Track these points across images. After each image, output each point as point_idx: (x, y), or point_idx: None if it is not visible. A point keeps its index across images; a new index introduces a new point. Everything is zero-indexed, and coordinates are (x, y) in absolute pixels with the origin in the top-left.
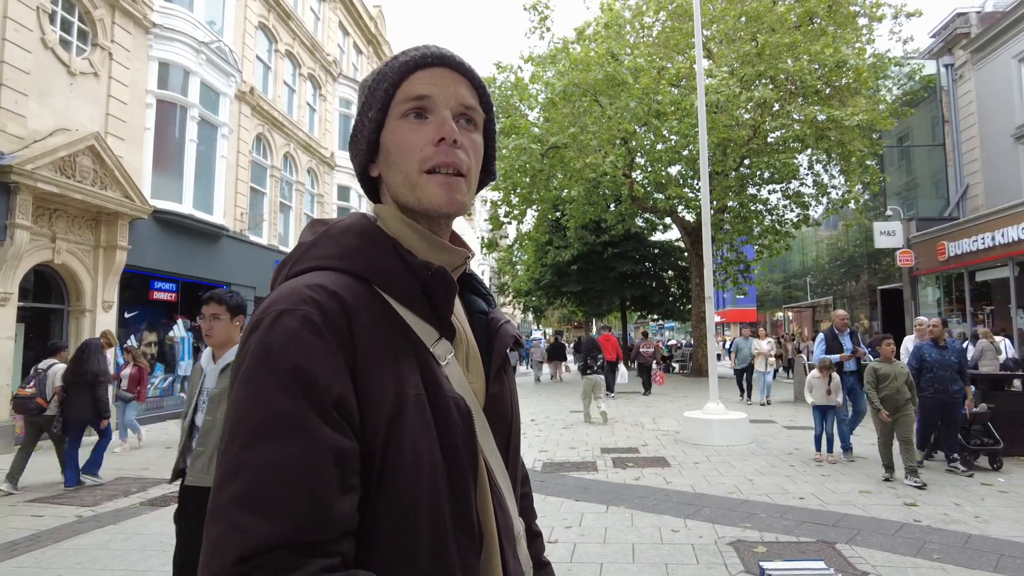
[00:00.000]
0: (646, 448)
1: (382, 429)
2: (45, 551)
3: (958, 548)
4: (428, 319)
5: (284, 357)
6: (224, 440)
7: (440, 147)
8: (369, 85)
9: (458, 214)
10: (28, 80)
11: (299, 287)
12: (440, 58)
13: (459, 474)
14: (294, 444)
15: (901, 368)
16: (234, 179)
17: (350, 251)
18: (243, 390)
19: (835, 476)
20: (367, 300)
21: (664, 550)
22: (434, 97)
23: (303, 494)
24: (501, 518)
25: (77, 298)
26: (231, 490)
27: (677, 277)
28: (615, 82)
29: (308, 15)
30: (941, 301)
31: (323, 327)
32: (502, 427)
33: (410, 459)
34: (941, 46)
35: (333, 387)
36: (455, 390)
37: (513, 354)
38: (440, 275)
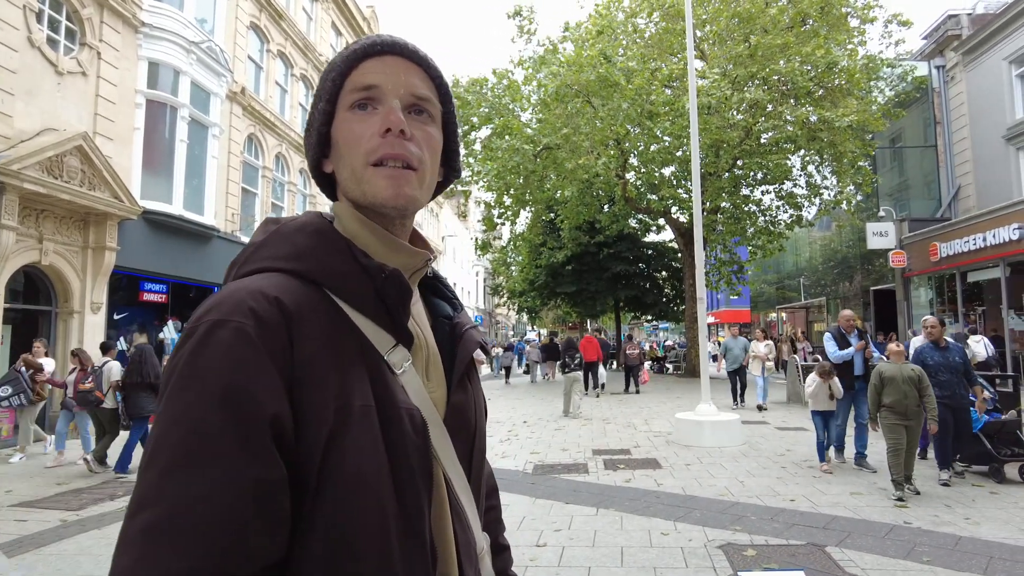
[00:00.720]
0: (638, 449)
1: (321, 444)
2: (26, 556)
3: (948, 550)
4: (384, 325)
5: (212, 377)
6: (144, 459)
7: (386, 138)
8: (321, 78)
9: (406, 209)
10: (14, 79)
11: (238, 292)
12: (391, 46)
13: (410, 490)
14: (214, 473)
15: (910, 370)
16: (225, 179)
17: (300, 252)
18: (168, 409)
19: (826, 478)
20: (315, 305)
21: (653, 553)
22: (382, 87)
23: (220, 527)
24: (461, 534)
25: (65, 299)
26: (144, 519)
27: (671, 278)
28: (607, 83)
29: (300, 15)
30: (933, 302)
31: (258, 340)
32: (464, 438)
33: (351, 474)
34: (933, 48)
35: (264, 408)
36: (411, 400)
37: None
38: (394, 278)
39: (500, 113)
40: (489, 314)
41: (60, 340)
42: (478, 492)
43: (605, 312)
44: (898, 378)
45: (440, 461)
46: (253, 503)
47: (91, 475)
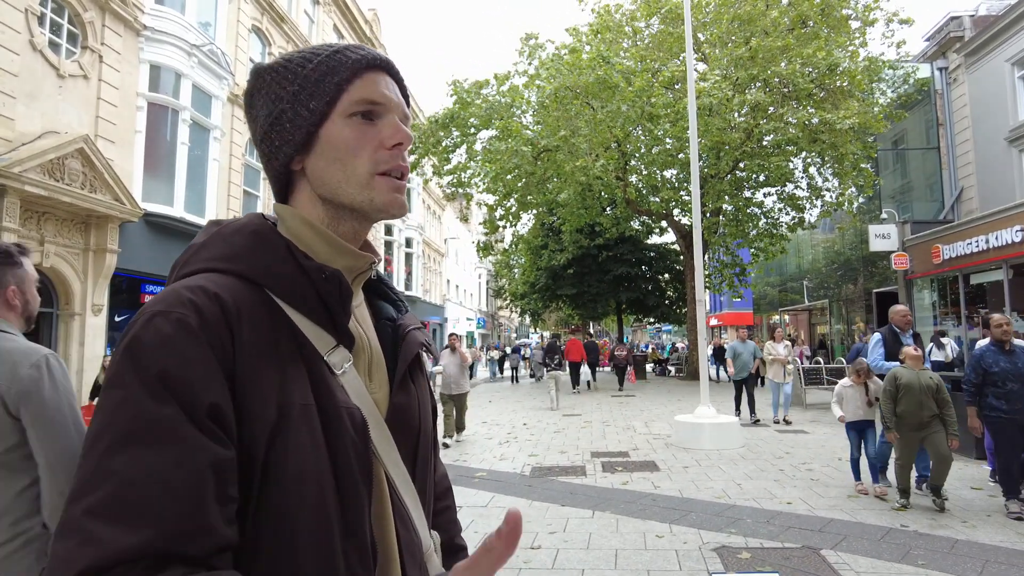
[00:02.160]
0: (636, 452)
1: (263, 441)
2: None
3: (943, 554)
4: (324, 326)
5: (153, 360)
6: (85, 447)
7: (395, 151)
8: (305, 74)
9: (402, 216)
10: (16, 82)
11: (179, 289)
12: (388, 64)
13: (350, 488)
14: (165, 449)
15: (928, 379)
16: (227, 182)
17: (239, 252)
18: (109, 394)
19: (824, 481)
20: (254, 304)
21: (647, 556)
22: (386, 104)
23: (174, 501)
24: (403, 533)
25: (66, 302)
26: (88, 500)
27: (673, 280)
28: (607, 85)
29: (302, 18)
30: (936, 304)
31: (198, 330)
32: (408, 438)
33: (293, 473)
34: (935, 49)
35: (206, 394)
36: (351, 400)
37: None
38: (334, 279)
39: (500, 115)
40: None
41: (61, 342)
42: (424, 492)
43: (607, 314)
44: (915, 386)
45: (382, 460)
46: (210, 476)
47: None
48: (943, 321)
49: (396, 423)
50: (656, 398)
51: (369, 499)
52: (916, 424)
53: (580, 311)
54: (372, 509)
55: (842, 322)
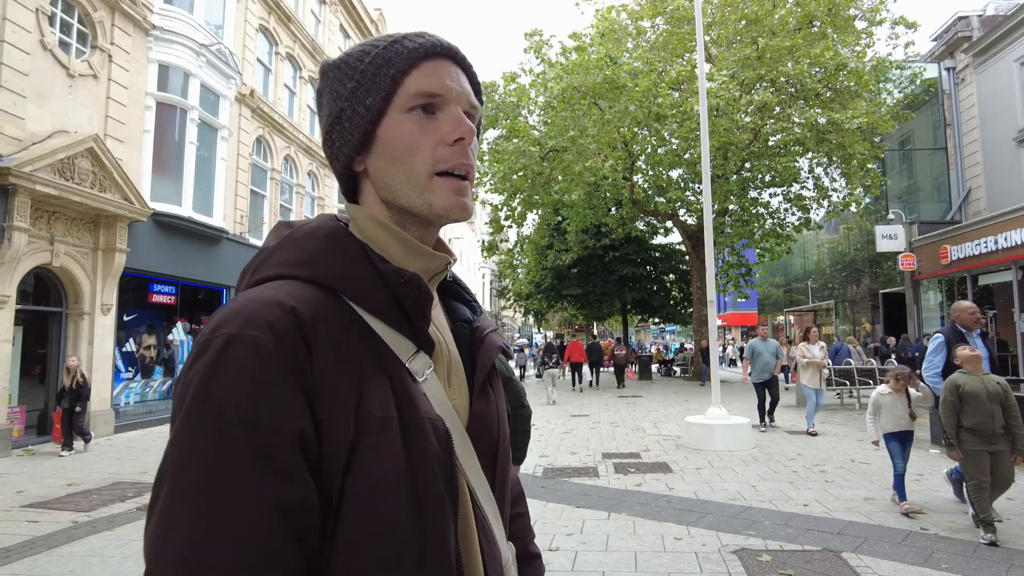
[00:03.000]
0: (648, 453)
1: (342, 460)
2: (39, 558)
3: (966, 557)
4: (403, 331)
5: (230, 396)
6: (165, 485)
7: (455, 147)
8: (362, 69)
9: (466, 219)
10: (27, 82)
11: (251, 303)
12: (448, 50)
13: (436, 505)
14: (242, 497)
15: (994, 383)
16: (234, 182)
17: (314, 257)
18: (184, 434)
19: (838, 483)
20: (331, 313)
21: (667, 558)
22: (446, 95)
23: (254, 553)
24: (486, 548)
25: (76, 301)
26: (173, 549)
27: (678, 280)
28: (614, 85)
29: (309, 17)
30: (944, 305)
31: (275, 353)
32: (488, 447)
33: (373, 492)
34: (943, 49)
35: (287, 426)
36: (433, 410)
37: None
38: (413, 283)
39: (507, 115)
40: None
41: (70, 342)
42: (502, 502)
43: (612, 314)
44: (982, 394)
45: (464, 472)
46: (286, 528)
47: (101, 476)
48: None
49: (476, 431)
50: (663, 399)
51: (455, 515)
52: (987, 437)
53: (585, 311)
54: (458, 524)
55: (848, 323)
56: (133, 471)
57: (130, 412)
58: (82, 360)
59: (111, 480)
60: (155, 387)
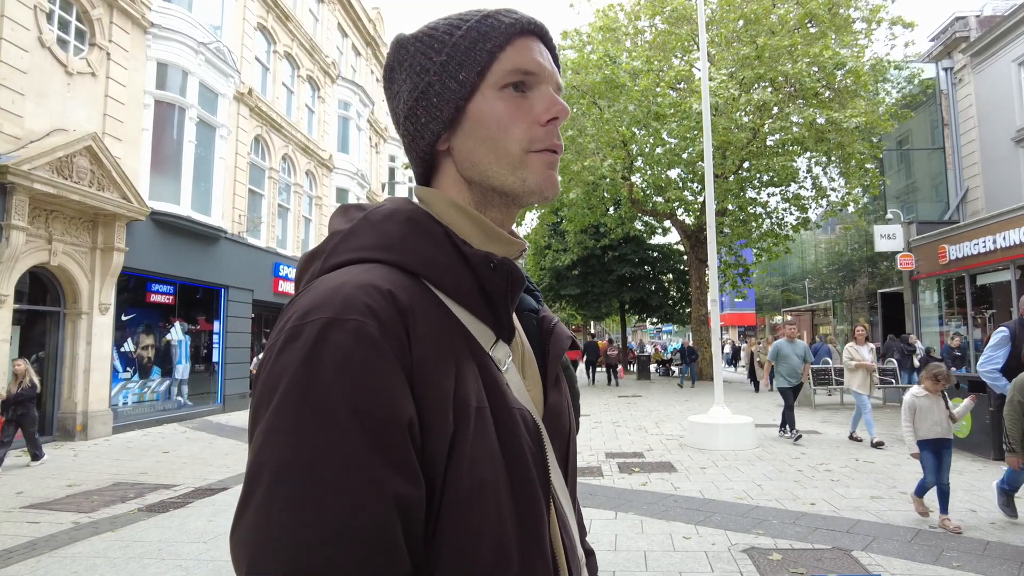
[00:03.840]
0: (651, 453)
1: (444, 452)
2: (41, 559)
3: (977, 556)
4: (485, 319)
5: (336, 386)
6: (264, 487)
7: (548, 127)
8: (454, 42)
9: (553, 197)
10: (25, 80)
11: (344, 286)
12: (540, 28)
13: (531, 499)
14: (357, 498)
15: None
16: (232, 181)
17: (397, 240)
18: (283, 425)
19: (844, 482)
20: (421, 299)
21: (677, 557)
22: (540, 73)
23: (373, 552)
24: (568, 544)
25: (73, 300)
26: (284, 558)
27: (676, 280)
28: (613, 84)
29: (307, 16)
30: (942, 305)
31: (381, 340)
32: (561, 441)
33: (471, 487)
34: (940, 49)
35: (399, 416)
36: (518, 400)
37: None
38: (505, 268)
39: None
40: None
41: (68, 341)
42: (575, 496)
43: (610, 314)
44: None
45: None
46: (400, 521)
47: (101, 477)
48: (948, 322)
49: (551, 424)
50: (663, 398)
51: (548, 508)
52: None
53: (584, 311)
54: (550, 522)
55: (845, 323)
56: (133, 471)
57: (128, 412)
58: (80, 359)
59: (111, 481)
60: (153, 387)
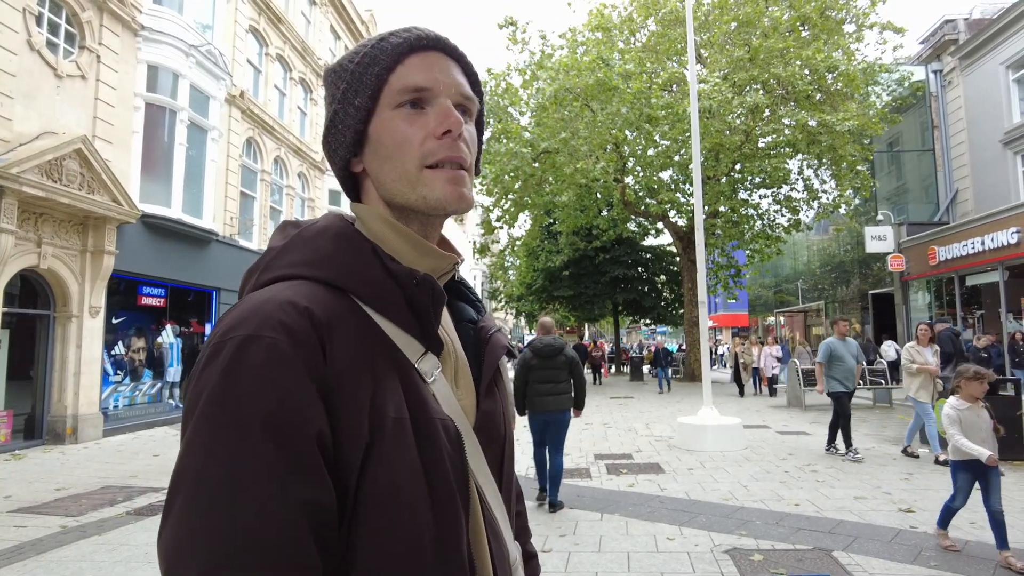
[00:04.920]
0: (640, 454)
1: (357, 461)
2: (27, 563)
3: (955, 555)
4: (412, 332)
5: (250, 398)
6: (183, 495)
7: (444, 140)
8: (351, 70)
9: (465, 211)
10: (13, 83)
11: (265, 304)
12: (436, 41)
13: (448, 505)
14: (268, 501)
15: None
16: (224, 183)
17: (324, 257)
18: (201, 436)
19: (830, 482)
20: (343, 314)
21: (660, 558)
22: (433, 88)
23: (282, 559)
24: (495, 547)
25: (63, 303)
26: (199, 561)
27: (669, 282)
28: (606, 87)
29: (299, 19)
30: (932, 305)
31: (293, 354)
32: (495, 447)
33: (388, 493)
34: (930, 52)
35: (308, 427)
36: (443, 410)
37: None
38: (426, 284)
39: (498, 117)
40: None
41: (58, 344)
42: (509, 501)
43: (603, 316)
44: None
45: (473, 472)
46: (311, 531)
47: (91, 480)
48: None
49: (484, 431)
50: (655, 400)
51: (466, 514)
52: None
53: (577, 313)
54: (469, 525)
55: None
56: (122, 475)
57: (119, 415)
58: (69, 363)
59: (100, 484)
60: (144, 390)
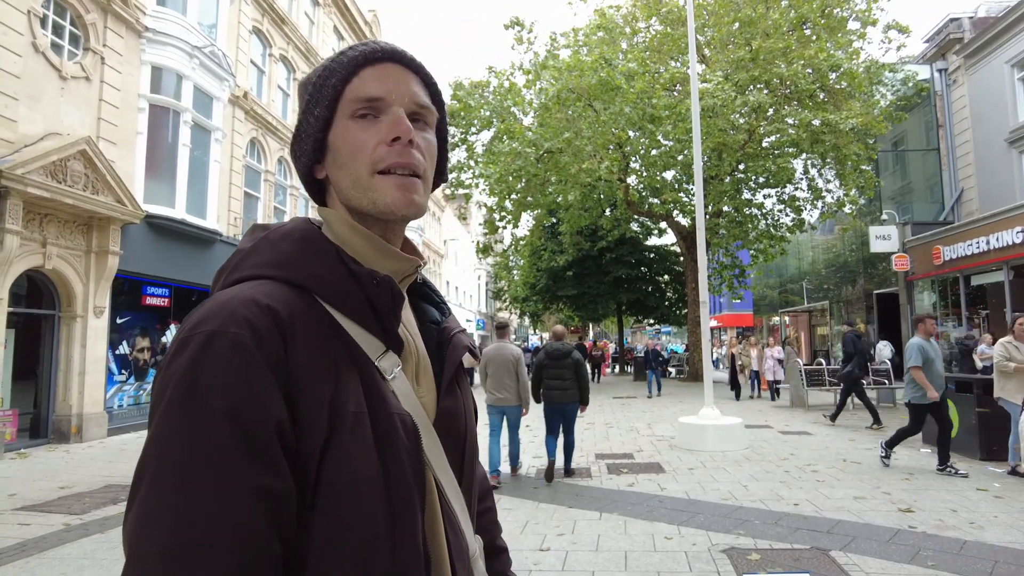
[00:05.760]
0: (641, 454)
1: (316, 453)
2: (30, 560)
3: (953, 555)
4: (373, 331)
5: (213, 390)
6: (146, 478)
7: (394, 147)
8: (314, 82)
9: (416, 216)
10: (18, 84)
11: (230, 301)
12: (391, 53)
13: (404, 496)
14: (227, 488)
15: None
16: (227, 184)
17: (288, 258)
18: (168, 425)
19: (830, 482)
20: (306, 312)
21: (657, 558)
22: (386, 98)
23: (240, 544)
24: (453, 539)
25: (68, 304)
26: (160, 543)
27: (673, 282)
28: (609, 87)
29: (302, 19)
30: (937, 305)
31: (255, 350)
32: (455, 443)
33: (344, 483)
34: (935, 51)
35: (268, 418)
36: (402, 406)
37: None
38: (386, 285)
39: (502, 117)
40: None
41: (63, 345)
42: (470, 496)
43: (607, 316)
44: None
45: (431, 466)
46: (269, 516)
47: (94, 479)
48: (944, 323)
49: (444, 428)
50: (658, 400)
51: (422, 506)
52: None
53: (580, 313)
54: (424, 516)
55: (843, 324)
56: (126, 473)
57: (123, 415)
58: (74, 363)
59: (103, 483)
60: (148, 390)
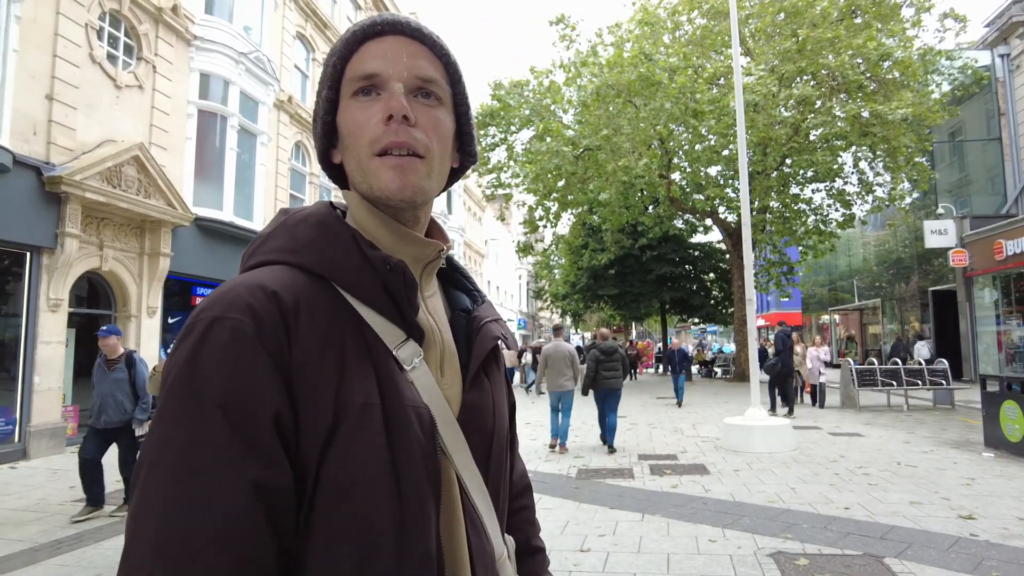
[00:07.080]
0: (685, 455)
1: (319, 446)
2: (87, 550)
3: (1020, 566)
4: (392, 319)
5: (209, 379)
6: (144, 467)
7: (390, 126)
8: (324, 64)
9: (414, 200)
10: (77, 94)
11: (237, 287)
12: (392, 25)
13: (415, 493)
14: (222, 480)
15: None
16: (273, 186)
17: (303, 243)
18: (165, 415)
19: (883, 486)
20: (316, 299)
21: (700, 560)
22: (382, 73)
23: (234, 538)
24: (475, 540)
25: (123, 304)
26: (153, 536)
27: (718, 279)
28: (649, 83)
29: (344, 23)
30: (999, 303)
31: (255, 337)
32: (481, 438)
33: (349, 478)
34: (996, 35)
35: (266, 408)
36: (420, 398)
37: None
38: (398, 270)
39: (540, 116)
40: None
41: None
42: (497, 495)
43: (650, 314)
44: None
45: (453, 462)
46: (264, 510)
47: None
48: (1007, 321)
49: (468, 422)
50: (703, 400)
51: (436, 505)
52: None
53: (622, 311)
54: (440, 516)
55: (896, 322)
56: None
57: None
58: None
59: None
60: None
